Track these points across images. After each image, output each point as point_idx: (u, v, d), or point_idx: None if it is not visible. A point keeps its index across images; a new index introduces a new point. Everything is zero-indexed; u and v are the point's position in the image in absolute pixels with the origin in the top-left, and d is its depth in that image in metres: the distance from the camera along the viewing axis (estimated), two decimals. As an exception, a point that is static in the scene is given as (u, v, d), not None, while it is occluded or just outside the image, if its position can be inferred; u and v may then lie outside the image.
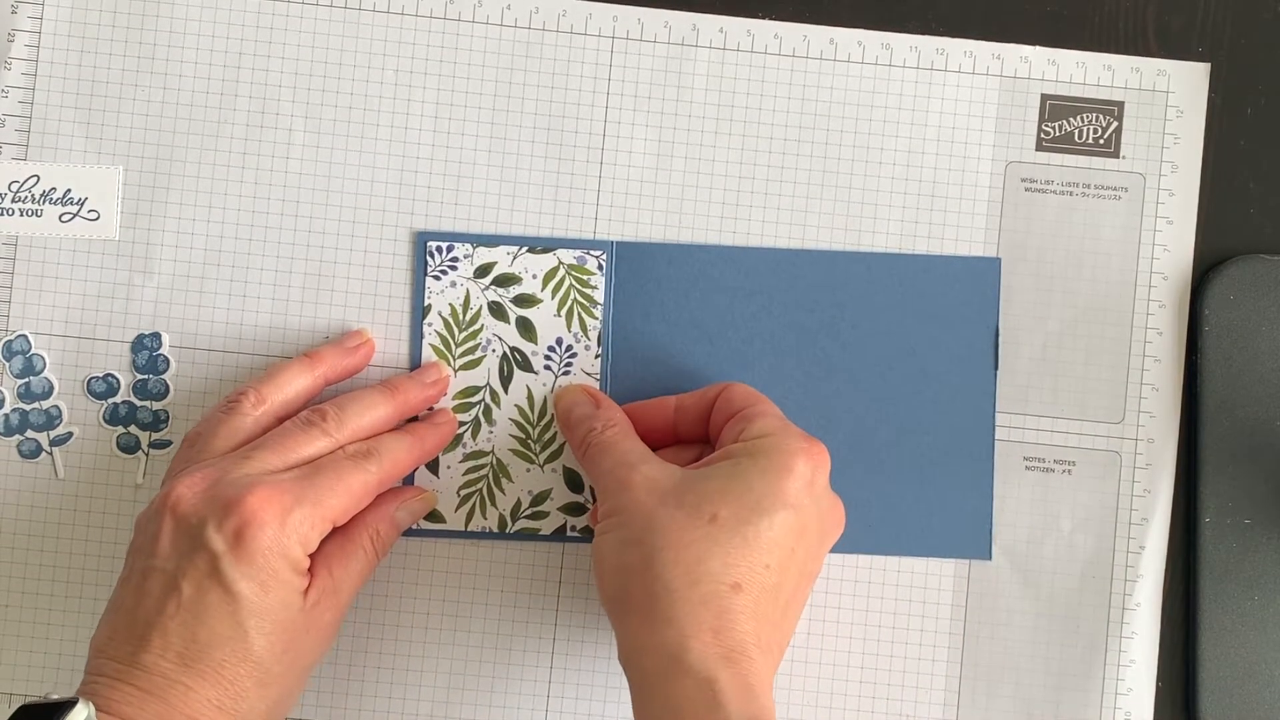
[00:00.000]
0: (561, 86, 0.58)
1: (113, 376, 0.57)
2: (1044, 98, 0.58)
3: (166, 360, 0.57)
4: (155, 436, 0.57)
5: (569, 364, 0.57)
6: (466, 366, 0.56)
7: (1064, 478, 0.58)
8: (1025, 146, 0.58)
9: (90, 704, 0.46)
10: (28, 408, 0.57)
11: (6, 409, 0.57)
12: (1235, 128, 0.59)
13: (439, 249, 0.57)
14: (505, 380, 0.57)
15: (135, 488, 0.57)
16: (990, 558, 0.57)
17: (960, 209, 0.58)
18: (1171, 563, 0.58)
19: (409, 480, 0.56)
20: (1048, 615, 0.58)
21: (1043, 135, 0.58)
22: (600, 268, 0.57)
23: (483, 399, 0.56)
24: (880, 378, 0.57)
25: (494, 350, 0.57)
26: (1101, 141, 0.58)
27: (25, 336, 0.57)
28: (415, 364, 0.57)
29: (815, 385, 0.57)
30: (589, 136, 0.58)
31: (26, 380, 0.57)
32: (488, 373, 0.57)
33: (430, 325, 0.56)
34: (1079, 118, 0.58)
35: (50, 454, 0.57)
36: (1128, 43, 0.59)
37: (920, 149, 0.58)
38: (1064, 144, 0.58)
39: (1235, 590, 0.57)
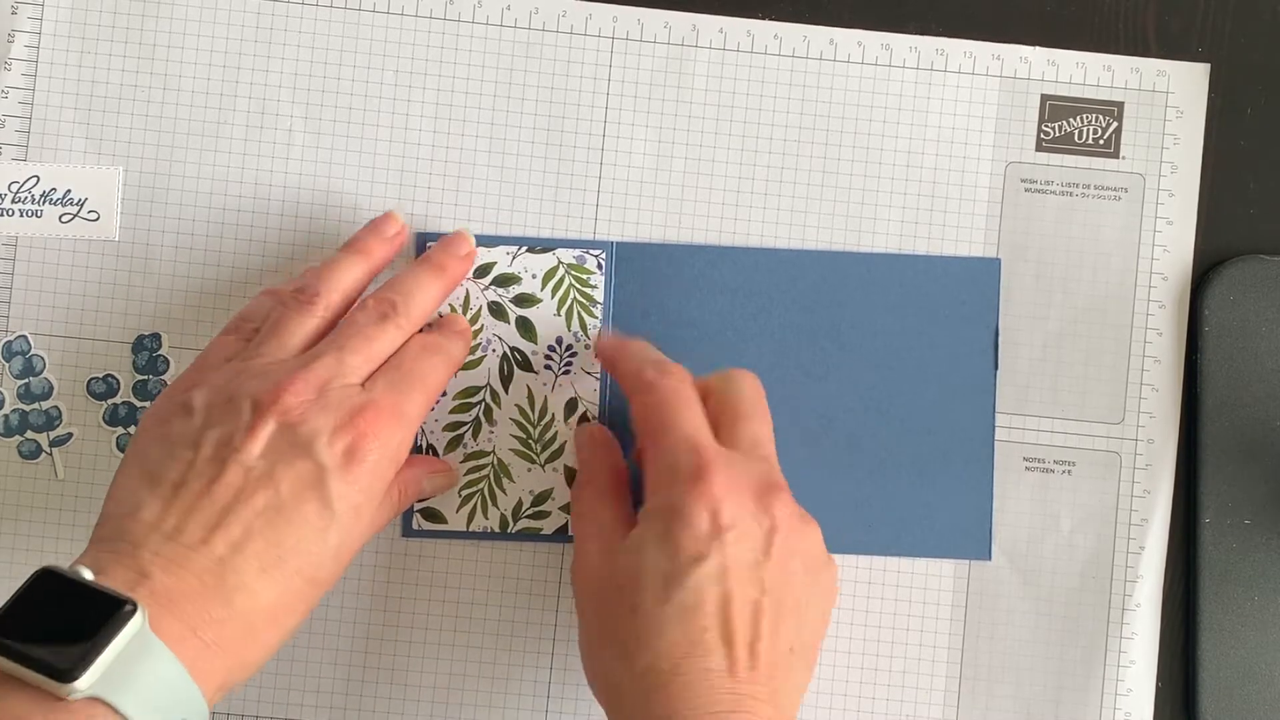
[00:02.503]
0: (561, 86, 0.58)
1: (113, 377, 0.57)
2: (1044, 98, 0.58)
3: (166, 360, 0.57)
4: (155, 437, 0.57)
5: (569, 364, 0.57)
6: (467, 367, 0.56)
7: (1064, 478, 0.58)
8: (1025, 147, 0.58)
9: (144, 613, 0.42)
10: (28, 408, 0.57)
11: (6, 410, 0.57)
12: (1235, 128, 0.59)
13: None
14: (505, 380, 0.57)
15: (135, 488, 0.57)
16: (990, 558, 0.57)
17: (960, 209, 0.58)
18: (1171, 563, 0.58)
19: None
20: (1048, 615, 0.58)
21: (1043, 135, 0.58)
22: (600, 267, 0.57)
23: (483, 399, 0.56)
24: (880, 378, 0.57)
25: (494, 350, 0.57)
26: (1101, 142, 0.58)
27: (25, 337, 0.57)
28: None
29: (815, 385, 0.57)
30: (589, 137, 0.58)
31: (26, 381, 0.57)
32: (488, 373, 0.57)
33: (431, 326, 0.56)
34: (1079, 118, 0.58)
35: (50, 454, 0.57)
36: (1128, 43, 0.59)
37: (920, 149, 0.58)
38: (1064, 144, 0.58)
39: (1235, 590, 0.57)
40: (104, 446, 0.57)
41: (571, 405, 0.57)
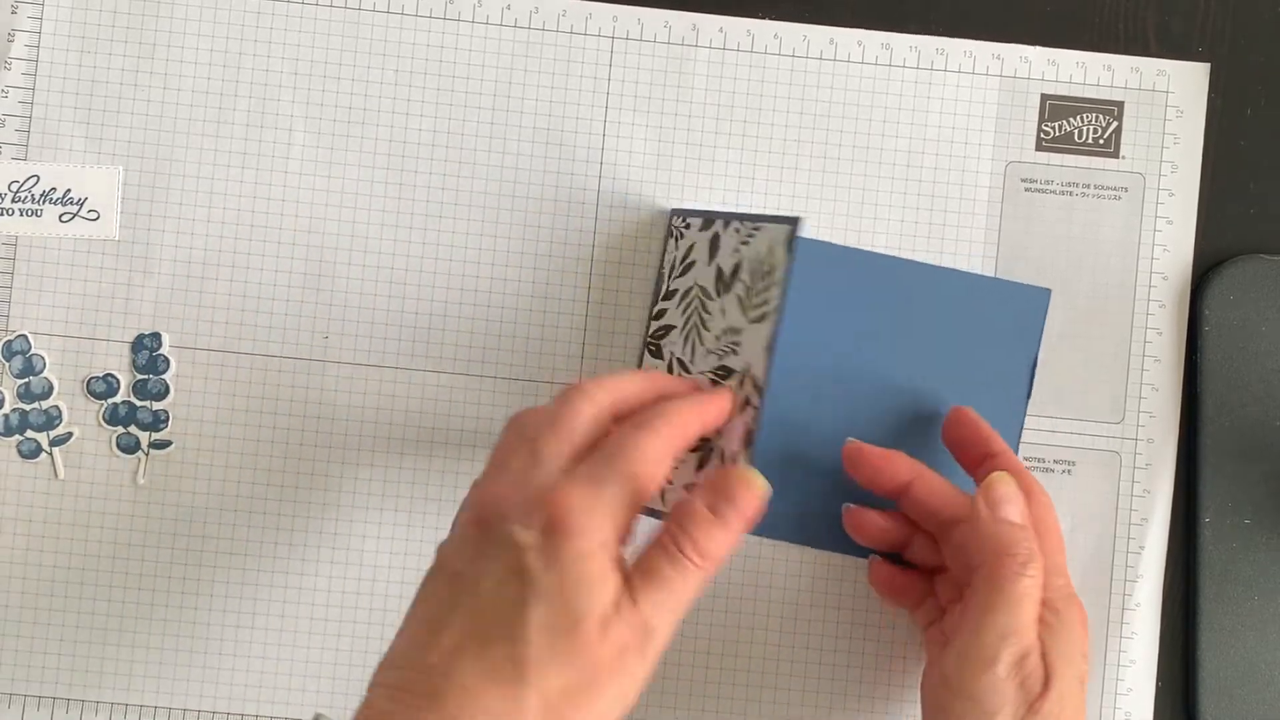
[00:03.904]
0: (561, 86, 0.58)
1: (113, 376, 0.57)
2: (1044, 98, 0.58)
3: (166, 360, 0.57)
4: (155, 436, 0.57)
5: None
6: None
7: (1064, 478, 0.58)
8: (1025, 146, 0.58)
9: None
10: (28, 408, 0.57)
11: (6, 409, 0.57)
12: (1235, 128, 0.59)
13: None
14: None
15: (135, 488, 0.57)
16: None
17: (960, 209, 0.58)
18: (1171, 563, 0.58)
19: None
20: (1048, 615, 0.58)
21: (1043, 135, 0.58)
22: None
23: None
24: (912, 389, 0.57)
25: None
26: (1101, 141, 0.58)
27: (25, 336, 0.57)
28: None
29: (845, 387, 0.56)
30: (589, 136, 0.58)
31: (26, 380, 0.57)
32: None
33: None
34: (1079, 118, 0.58)
35: (50, 454, 0.57)
36: (1128, 43, 0.59)
37: (920, 149, 0.58)
38: (1064, 144, 0.58)
39: (1235, 590, 0.57)
40: (104, 446, 0.57)
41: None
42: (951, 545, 0.52)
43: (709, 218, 0.56)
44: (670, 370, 0.55)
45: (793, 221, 0.51)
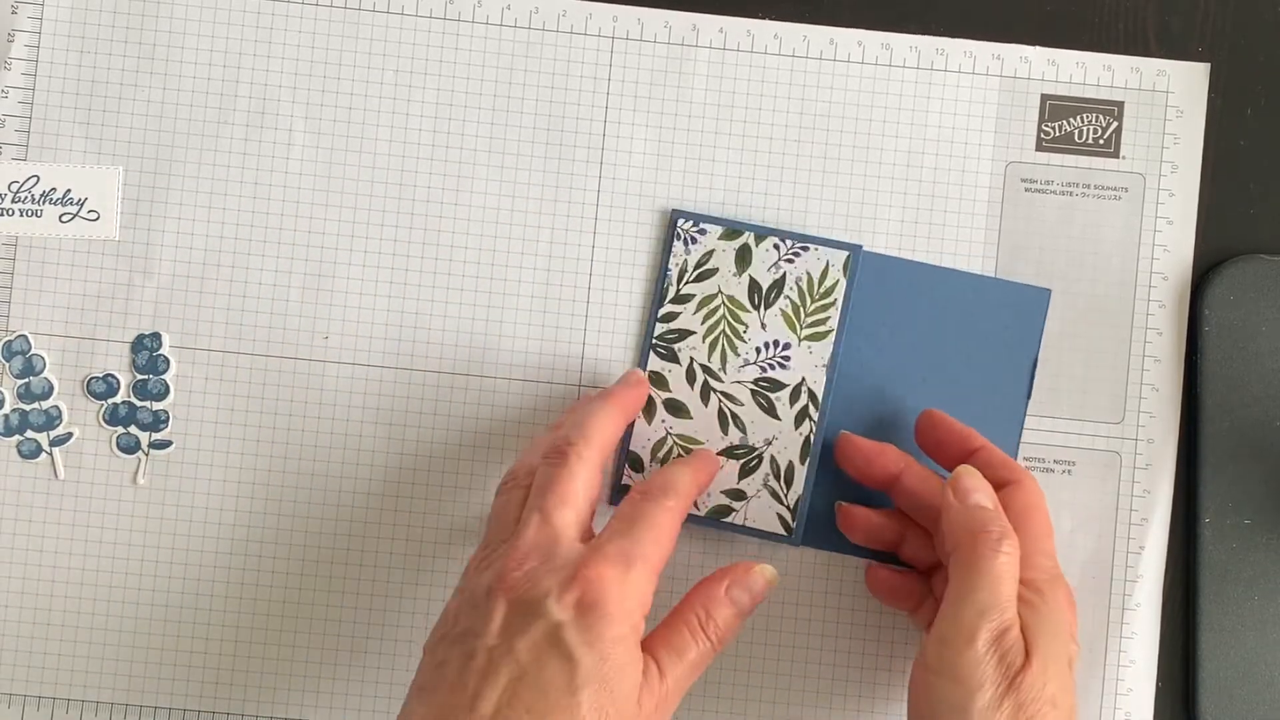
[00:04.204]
0: (561, 86, 0.58)
1: (113, 377, 0.57)
2: (1044, 98, 0.58)
3: (166, 360, 0.57)
4: (155, 437, 0.57)
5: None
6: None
7: (1064, 478, 0.58)
8: (1025, 146, 0.58)
9: None
10: (27, 408, 0.57)
11: (6, 409, 0.57)
12: (1235, 128, 0.59)
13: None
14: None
15: (135, 488, 0.57)
16: None
17: (960, 209, 0.58)
18: (1171, 563, 0.58)
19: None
20: (1048, 615, 0.57)
21: (1043, 135, 0.58)
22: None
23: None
24: (910, 389, 0.57)
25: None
26: (1101, 141, 0.58)
27: (25, 337, 0.57)
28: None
29: (846, 384, 0.56)
30: (589, 136, 0.58)
31: (26, 380, 0.57)
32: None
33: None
34: (1079, 118, 0.58)
35: (50, 454, 0.57)
36: (1128, 43, 0.59)
37: (920, 149, 0.58)
38: (1064, 144, 0.58)
39: (1235, 590, 0.57)
40: (104, 446, 0.57)
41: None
42: (941, 536, 0.52)
43: (732, 227, 0.56)
44: (691, 375, 0.56)
45: (853, 248, 0.56)
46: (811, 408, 0.56)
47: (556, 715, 0.45)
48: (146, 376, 0.57)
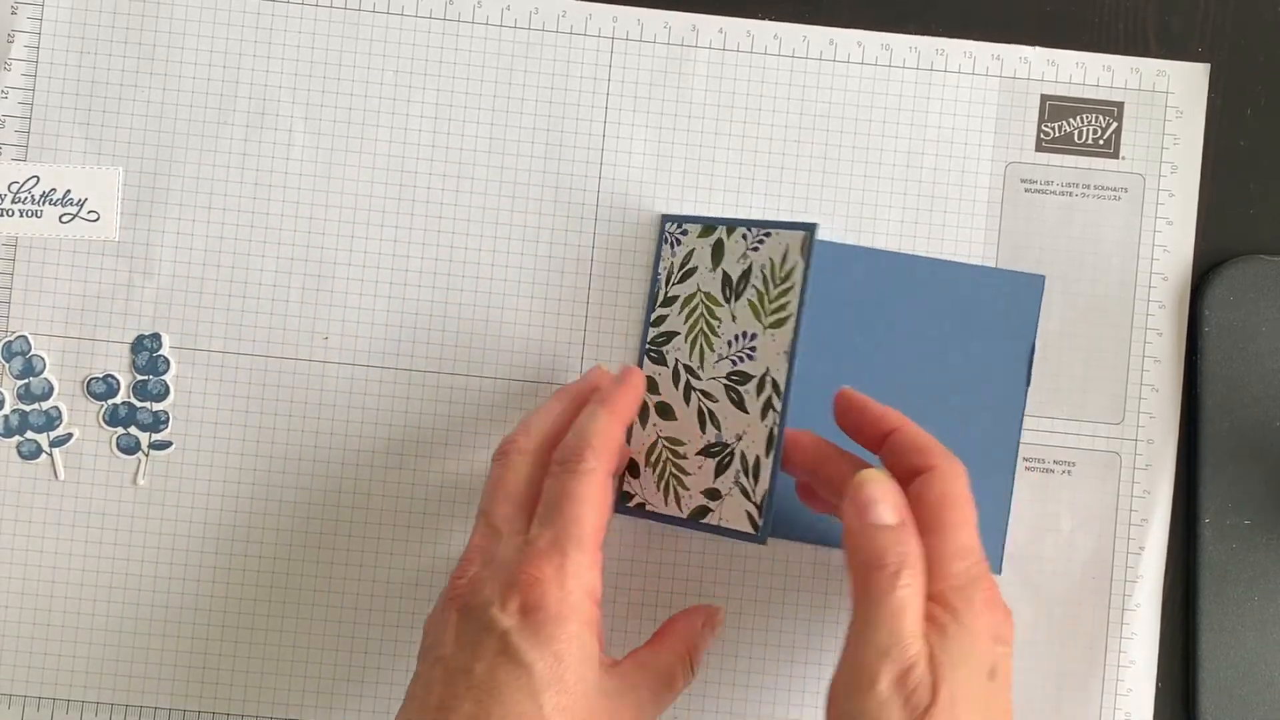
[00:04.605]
0: (561, 87, 0.58)
1: (112, 377, 0.57)
2: (1044, 98, 0.58)
3: (166, 361, 0.57)
4: (155, 438, 0.57)
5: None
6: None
7: (1064, 478, 0.58)
8: (1025, 147, 0.58)
9: None
10: (27, 409, 0.57)
11: (6, 410, 0.57)
12: (1235, 128, 0.59)
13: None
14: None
15: (135, 488, 0.57)
16: (1001, 572, 0.57)
17: (960, 209, 0.58)
18: (1171, 563, 0.58)
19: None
20: (1047, 615, 0.58)
21: (1042, 136, 0.58)
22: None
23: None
24: (909, 381, 0.57)
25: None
26: (1101, 142, 0.58)
27: (25, 337, 0.57)
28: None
29: (843, 379, 0.56)
30: (589, 137, 0.58)
31: (26, 381, 0.57)
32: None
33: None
34: (1079, 118, 0.58)
35: (50, 455, 0.57)
36: (1128, 43, 0.59)
37: (920, 149, 0.58)
38: (1063, 144, 0.58)
39: (1235, 590, 0.57)
40: (104, 446, 0.57)
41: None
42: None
43: (708, 224, 0.56)
44: (676, 376, 0.56)
45: (809, 228, 0.53)
46: (774, 398, 0.53)
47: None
48: (146, 377, 0.57)
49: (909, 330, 0.57)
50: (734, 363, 0.54)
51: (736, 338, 0.54)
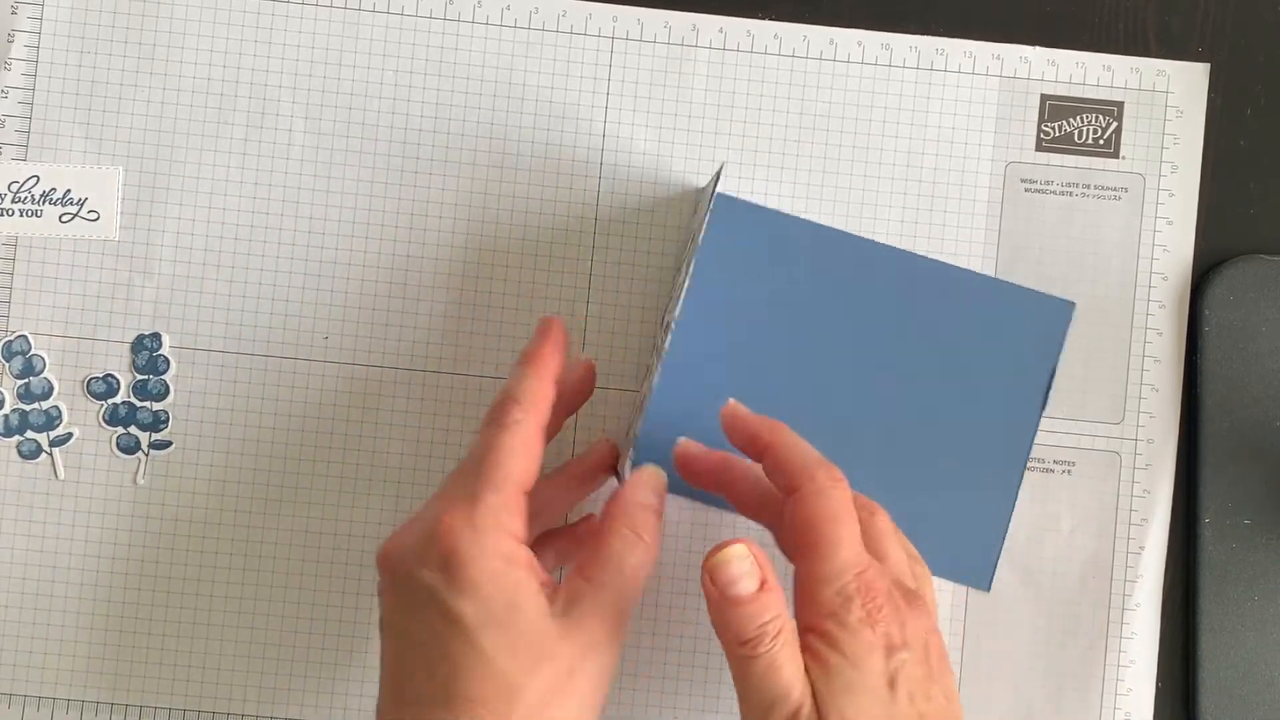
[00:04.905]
0: (561, 86, 0.58)
1: (112, 377, 0.57)
2: (1044, 98, 0.58)
3: (166, 360, 0.57)
4: (155, 437, 0.57)
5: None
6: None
7: (1064, 478, 0.58)
8: (1025, 147, 0.58)
9: None
10: (27, 408, 0.57)
11: (6, 409, 0.57)
12: (1235, 128, 0.59)
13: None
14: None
15: (135, 488, 0.57)
16: (989, 589, 0.56)
17: (960, 209, 0.58)
18: (1171, 563, 0.58)
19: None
20: (1047, 615, 0.58)
21: (1042, 135, 0.58)
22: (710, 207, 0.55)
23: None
24: (925, 390, 0.56)
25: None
26: (1101, 142, 0.58)
27: (25, 337, 0.57)
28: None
29: (858, 380, 0.55)
30: (589, 137, 0.58)
31: (26, 381, 0.57)
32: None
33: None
34: (1079, 118, 0.58)
35: (50, 454, 0.57)
36: (1127, 43, 0.59)
37: (920, 149, 0.58)
38: (1064, 144, 0.58)
39: (1235, 590, 0.57)
40: (104, 446, 0.57)
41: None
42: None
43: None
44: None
45: (715, 176, 0.53)
46: (655, 359, 0.53)
47: (470, 674, 0.44)
48: (146, 377, 0.57)
49: (930, 338, 0.56)
50: (665, 330, 0.54)
51: (671, 305, 0.54)
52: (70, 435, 0.57)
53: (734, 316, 0.55)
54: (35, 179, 0.57)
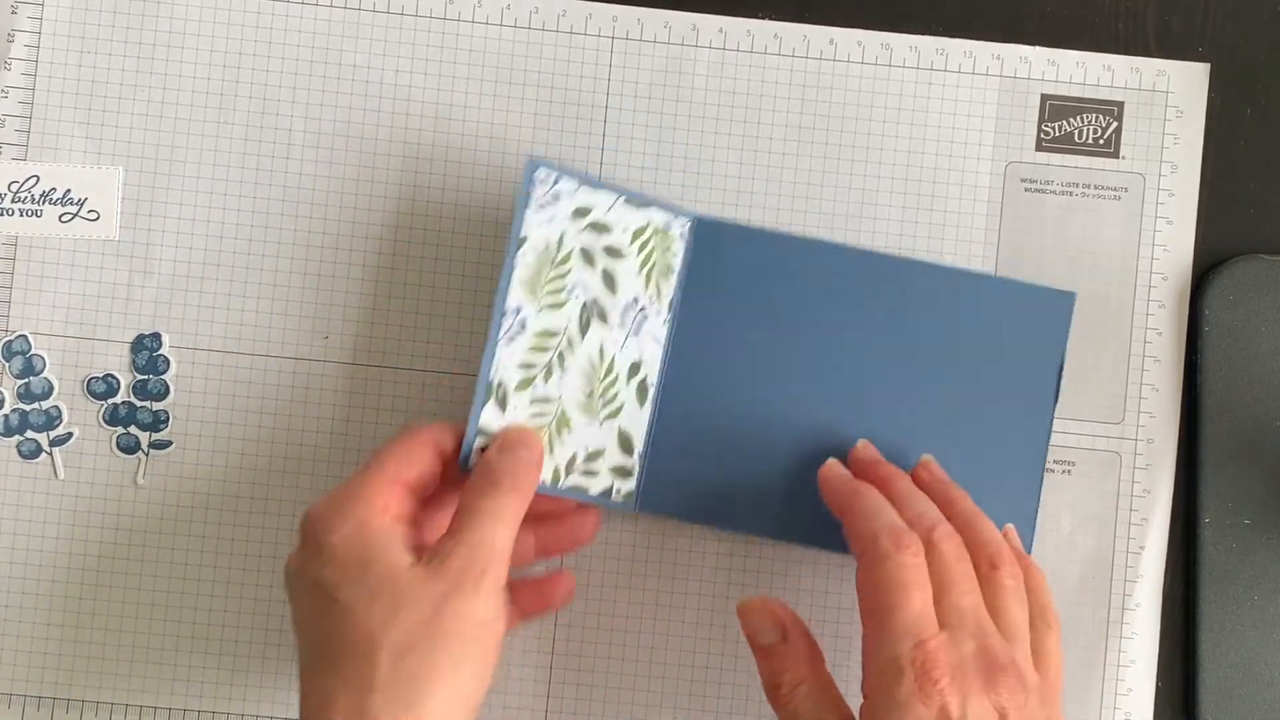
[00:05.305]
0: (561, 87, 0.58)
1: (113, 377, 0.57)
2: (1044, 98, 0.58)
3: (166, 360, 0.57)
4: (155, 437, 0.57)
5: (639, 325, 0.56)
6: (551, 307, 0.54)
7: (1064, 478, 0.58)
8: (1025, 146, 0.58)
9: None
10: (28, 408, 0.57)
11: (6, 409, 0.57)
12: (1235, 128, 0.59)
13: (546, 178, 0.53)
14: (583, 329, 0.55)
15: (135, 488, 0.57)
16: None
17: (960, 209, 0.58)
18: (1171, 563, 0.58)
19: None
20: (1048, 615, 0.58)
21: (1042, 135, 0.58)
22: (683, 236, 0.56)
23: (559, 344, 0.54)
24: (933, 392, 0.56)
25: (577, 297, 0.54)
26: (1101, 142, 0.58)
27: (25, 337, 0.57)
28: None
29: (866, 388, 0.56)
30: (589, 136, 0.58)
31: (26, 380, 0.57)
32: (568, 318, 0.54)
33: (523, 257, 0.53)
34: (1079, 118, 0.58)
35: (50, 454, 0.57)
36: (1127, 43, 0.59)
37: (920, 149, 0.58)
38: (1064, 144, 0.58)
39: (1235, 590, 0.57)
40: (104, 446, 0.57)
41: (635, 368, 0.55)
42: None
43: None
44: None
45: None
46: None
47: (333, 633, 0.47)
48: (146, 376, 0.57)
49: (935, 341, 0.56)
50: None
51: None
52: (70, 435, 0.57)
53: (727, 340, 0.56)
54: (35, 179, 0.57)
